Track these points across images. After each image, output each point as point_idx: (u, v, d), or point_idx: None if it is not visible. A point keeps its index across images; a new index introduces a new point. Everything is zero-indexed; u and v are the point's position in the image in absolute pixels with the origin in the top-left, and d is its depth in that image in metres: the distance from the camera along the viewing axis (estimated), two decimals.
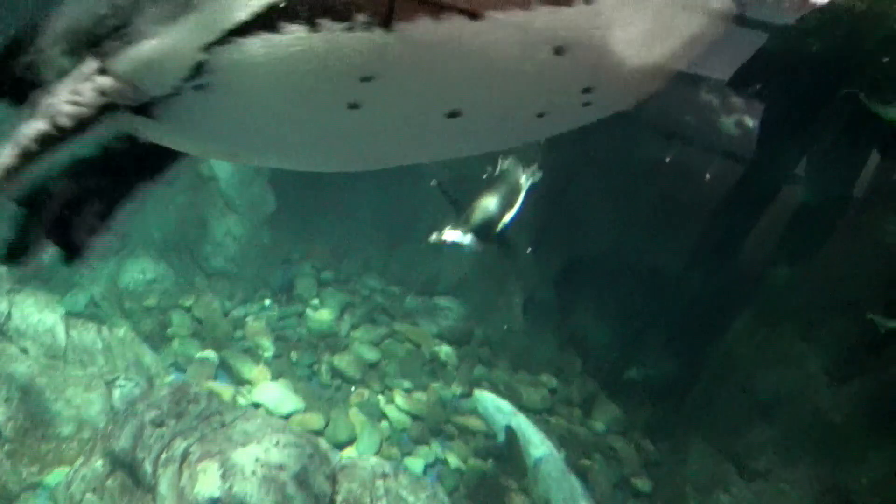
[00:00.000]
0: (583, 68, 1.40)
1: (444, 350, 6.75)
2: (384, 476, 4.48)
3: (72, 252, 1.88)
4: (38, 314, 5.12)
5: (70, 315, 5.45)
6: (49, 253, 1.90)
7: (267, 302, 6.79)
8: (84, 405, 4.90)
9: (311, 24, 1.29)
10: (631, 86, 1.50)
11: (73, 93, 1.44)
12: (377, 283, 7.46)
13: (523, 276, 7.26)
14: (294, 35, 1.31)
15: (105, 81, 1.45)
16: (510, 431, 5.74)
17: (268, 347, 6.16)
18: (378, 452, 5.38)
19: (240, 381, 5.75)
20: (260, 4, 1.30)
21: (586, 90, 1.45)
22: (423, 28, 1.28)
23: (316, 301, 6.95)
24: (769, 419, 5.86)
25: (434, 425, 5.86)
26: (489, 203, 5.22)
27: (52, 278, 5.82)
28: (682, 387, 6.70)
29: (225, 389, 5.54)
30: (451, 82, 1.39)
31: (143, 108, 1.49)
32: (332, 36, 1.30)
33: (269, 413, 5.35)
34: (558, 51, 1.34)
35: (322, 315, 6.76)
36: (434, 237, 5.06)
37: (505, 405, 6.07)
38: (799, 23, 4.64)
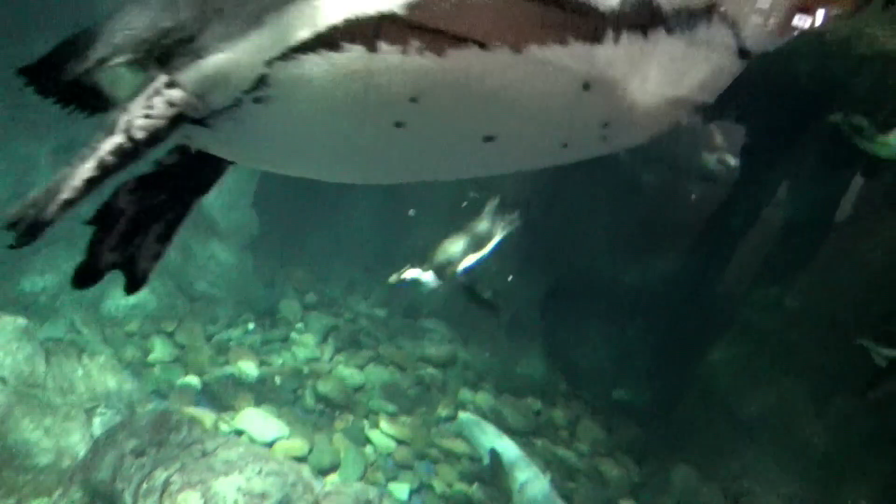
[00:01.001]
0: (605, 104, 1.51)
1: (429, 373, 6.69)
2: (368, 502, 4.40)
3: (135, 280, 1.92)
4: (16, 342, 5.01)
5: (50, 342, 5.35)
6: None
7: (250, 326, 6.71)
8: (63, 434, 4.79)
9: (370, 45, 1.39)
10: (644, 124, 1.61)
11: (146, 106, 1.52)
12: (362, 306, 7.41)
13: (508, 299, 7.23)
14: (352, 55, 1.40)
15: (175, 94, 1.53)
16: (495, 455, 5.68)
17: (251, 372, 6.07)
18: (362, 478, 5.30)
19: (222, 408, 5.65)
20: (324, 25, 1.40)
21: (605, 125, 1.56)
22: (470, 57, 1.39)
23: (300, 325, 6.88)
24: (752, 441, 5.86)
25: (419, 450, 5.79)
26: (454, 245, 5.30)
27: (31, 304, 5.72)
28: (666, 408, 6.69)
29: (207, 416, 5.45)
30: (490, 109, 1.49)
31: (201, 118, 1.57)
32: (387, 58, 1.39)
33: (252, 440, 5.27)
34: (586, 86, 1.45)
35: (306, 339, 6.69)
36: (393, 277, 5.18)
37: (490, 428, 6.02)
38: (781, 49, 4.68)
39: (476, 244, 5.39)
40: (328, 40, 1.41)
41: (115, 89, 1.70)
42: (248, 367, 6.11)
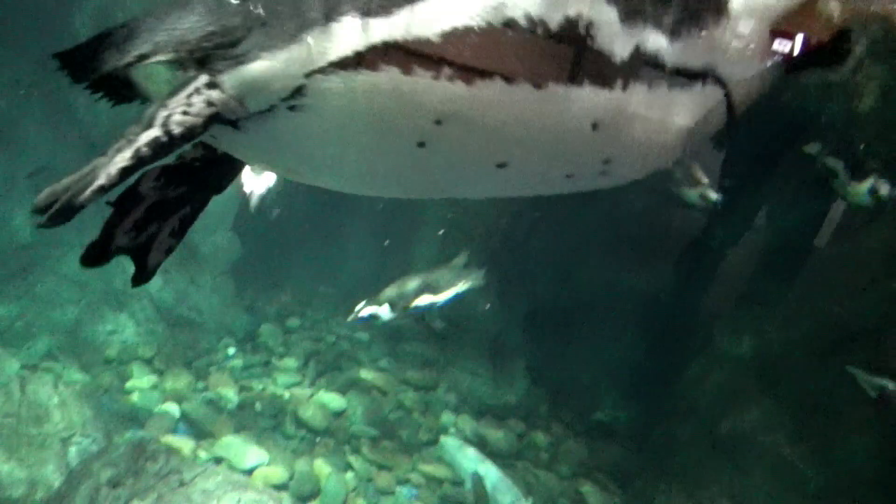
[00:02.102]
0: (609, 143, 1.62)
1: (411, 396, 6.60)
2: None
3: (145, 271, 1.95)
4: None
5: (26, 368, 5.20)
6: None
7: (231, 351, 6.58)
8: (37, 465, 4.64)
9: (405, 68, 1.47)
10: (641, 164, 1.75)
11: (185, 104, 1.56)
12: (343, 330, 7.29)
13: (489, 322, 7.18)
14: (388, 75, 1.48)
15: (215, 94, 1.58)
16: (477, 479, 5.60)
17: (231, 398, 5.94)
18: None
19: (201, 435, 5.52)
20: (364, 45, 1.48)
21: (606, 161, 1.68)
22: (495, 88, 1.49)
23: (281, 349, 6.76)
24: (732, 462, 5.82)
25: (400, 475, 5.69)
26: (411, 283, 5.46)
27: (6, 331, 5.57)
28: (647, 429, 6.67)
29: (185, 444, 5.31)
30: (507, 138, 1.58)
31: (234, 120, 1.63)
32: (419, 81, 1.48)
33: (231, 467, 5.14)
34: (594, 126, 1.57)
35: (287, 363, 6.57)
36: (351, 317, 5.34)
37: (471, 452, 5.96)
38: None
39: (434, 288, 5.55)
40: (366, 59, 1.49)
41: (149, 84, 1.77)
42: (228, 394, 5.98)
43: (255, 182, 4.28)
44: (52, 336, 5.96)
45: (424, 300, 5.47)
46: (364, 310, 5.30)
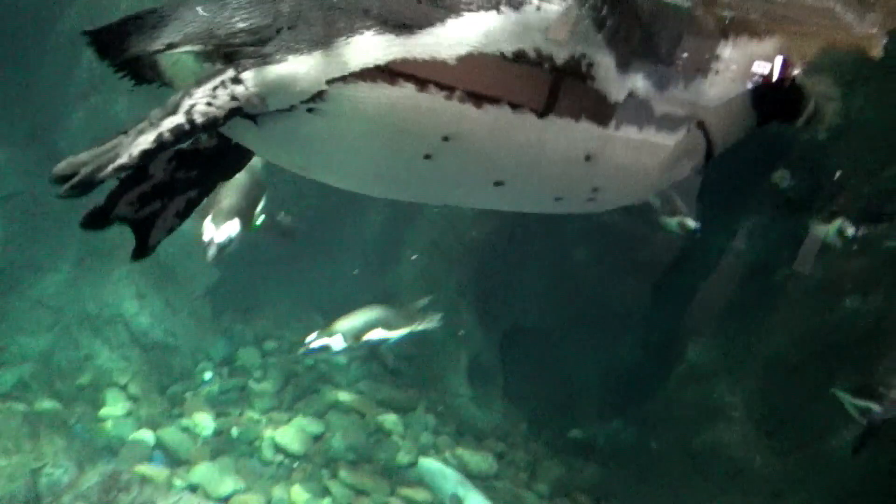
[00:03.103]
0: (599, 174, 1.75)
1: (390, 419, 6.47)
2: None
3: (144, 245, 1.95)
4: None
5: None
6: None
7: (207, 375, 6.41)
8: (6, 498, 4.44)
9: (421, 85, 1.57)
10: (626, 195, 1.90)
11: (210, 95, 1.61)
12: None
13: (468, 341, 7.10)
14: (404, 90, 1.57)
15: (239, 89, 1.62)
16: (456, 500, 5.51)
17: (207, 424, 5.77)
18: None
19: (176, 462, 5.35)
20: (384, 59, 1.56)
21: (595, 190, 1.80)
22: (502, 113, 1.59)
23: (259, 373, 6.60)
24: (708, 476, 5.81)
25: (379, 499, 5.55)
26: (366, 315, 5.50)
27: None
28: (623, 446, 6.63)
29: (160, 472, 5.14)
30: (507, 159, 1.69)
31: (254, 115, 1.68)
32: (433, 98, 1.57)
33: (207, 496, 5.00)
34: (588, 157, 1.69)
35: (265, 387, 6.41)
36: (301, 350, 5.36)
37: (451, 473, 5.86)
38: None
39: (389, 324, 5.57)
40: (386, 73, 1.57)
41: (174, 72, 1.81)
42: (204, 419, 5.81)
43: (216, 232, 4.12)
44: (24, 363, 5.76)
45: (377, 335, 5.45)
46: (316, 341, 5.26)
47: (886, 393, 4.01)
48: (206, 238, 4.15)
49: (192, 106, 1.61)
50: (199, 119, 1.60)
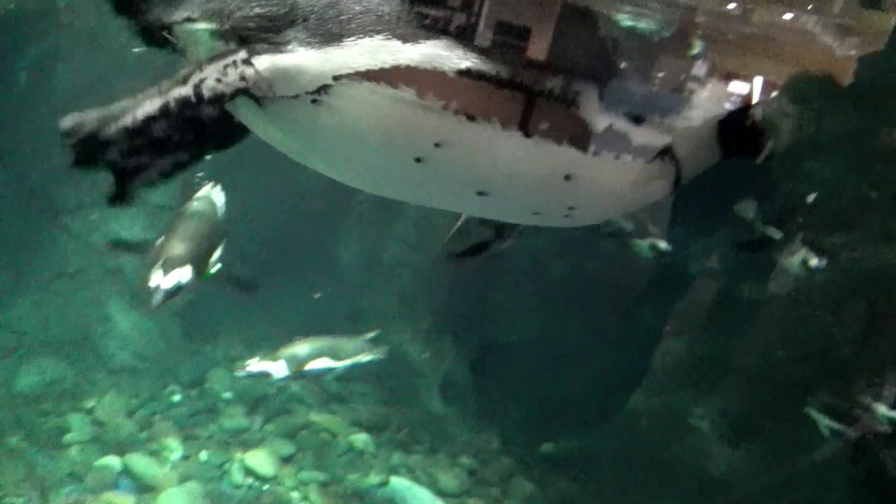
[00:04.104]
0: (577, 194, 1.84)
1: (361, 438, 6.35)
2: None
3: (122, 192, 1.93)
4: None
5: None
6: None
7: (176, 398, 6.22)
8: None
9: (421, 92, 1.63)
10: (600, 215, 2.07)
11: (220, 73, 1.66)
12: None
13: (441, 359, 7.01)
14: (404, 94, 1.64)
15: (249, 71, 1.67)
16: None
17: (175, 448, 5.59)
18: None
19: (143, 488, 5.16)
20: (389, 63, 1.64)
21: (571, 208, 1.91)
22: (492, 129, 1.67)
23: (228, 394, 6.42)
24: (671, 489, 5.78)
25: None
26: (309, 345, 5.35)
27: None
28: (593, 460, 6.57)
29: (125, 499, 4.97)
30: (491, 172, 1.77)
31: (260, 97, 1.73)
32: (431, 106, 1.64)
33: None
34: (567, 177, 1.77)
35: (235, 409, 6.25)
36: (239, 371, 5.17)
37: (422, 492, 5.79)
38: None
39: (335, 354, 5.44)
40: (390, 77, 1.64)
41: (188, 43, 1.86)
42: (172, 443, 5.63)
43: (163, 278, 3.91)
44: None
45: (322, 364, 5.30)
46: (255, 365, 5.07)
47: (859, 415, 3.99)
48: (152, 284, 3.86)
49: (202, 80, 1.66)
50: (206, 93, 1.66)
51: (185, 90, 1.67)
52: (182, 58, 1.89)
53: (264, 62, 1.69)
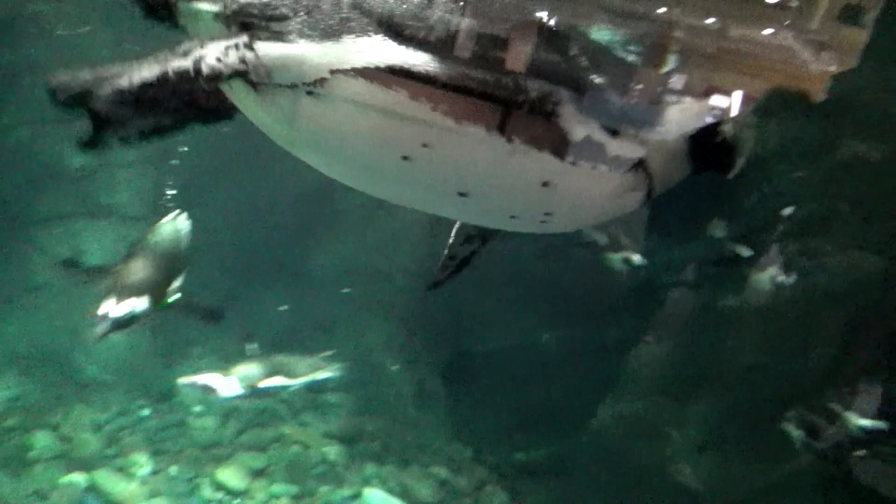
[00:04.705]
0: (553, 200, 1.88)
1: (334, 449, 6.22)
2: None
3: (95, 141, 1.91)
4: None
5: None
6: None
7: (145, 412, 6.04)
8: None
9: (413, 94, 1.67)
10: (576, 221, 2.05)
11: (222, 53, 1.69)
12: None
13: (413, 369, 6.91)
14: (397, 94, 1.68)
15: (250, 55, 1.71)
16: None
17: (144, 463, 5.42)
18: None
19: None
20: (384, 63, 1.67)
21: (547, 214, 1.94)
22: (477, 132, 1.71)
23: (199, 408, 6.24)
24: (645, 496, 5.75)
25: None
26: (261, 364, 5.22)
27: None
28: (565, 467, 6.52)
29: None
30: (473, 174, 1.81)
31: (256, 82, 1.75)
32: (421, 107, 1.68)
33: None
34: (545, 184, 1.82)
35: (205, 422, 6.07)
36: (184, 380, 5.03)
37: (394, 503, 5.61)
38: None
39: (289, 372, 5.31)
40: (384, 76, 1.67)
41: (191, 22, 1.88)
42: (141, 459, 5.46)
43: (115, 307, 3.70)
44: None
45: (276, 382, 5.15)
46: (201, 378, 4.91)
47: (831, 425, 3.98)
48: (100, 311, 3.64)
49: (203, 57, 1.68)
50: (205, 69, 1.68)
51: (185, 63, 1.69)
52: (182, 34, 1.93)
53: (265, 49, 1.72)
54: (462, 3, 1.75)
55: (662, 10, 2.00)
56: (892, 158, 4.07)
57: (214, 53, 1.70)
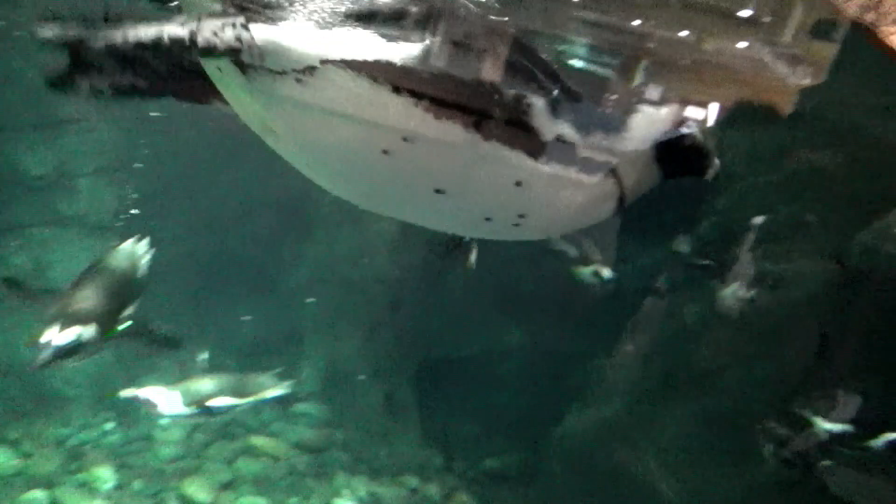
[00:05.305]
0: (527, 200, 1.91)
1: (303, 460, 6.11)
2: None
3: (65, 79, 1.87)
4: None
5: None
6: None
7: (109, 426, 5.82)
8: None
9: (396, 88, 1.71)
10: (549, 226, 2.05)
11: (218, 29, 1.70)
12: None
13: (383, 377, 6.82)
14: (381, 88, 1.72)
15: (245, 35, 1.72)
16: None
17: (107, 478, 5.25)
18: None
19: None
20: (372, 57, 1.71)
21: (521, 216, 1.96)
22: (455, 128, 1.75)
23: (165, 420, 6.03)
24: (608, 501, 5.75)
25: None
26: (210, 382, 5.01)
27: None
28: (533, 473, 6.50)
29: None
30: (450, 169, 1.84)
31: (247, 64, 1.76)
32: (404, 101, 1.72)
33: None
34: (518, 183, 1.85)
35: (171, 435, 5.89)
36: (127, 392, 4.79)
37: None
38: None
39: (239, 392, 5.07)
40: (370, 69, 1.71)
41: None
42: (104, 473, 5.27)
43: (58, 335, 3.49)
44: None
45: (223, 401, 4.92)
46: (143, 392, 4.68)
47: (796, 435, 4.00)
48: (43, 339, 3.41)
49: (199, 29, 1.70)
50: (199, 41, 1.69)
51: (181, 31, 1.71)
52: (179, 9, 1.93)
53: (260, 31, 1.74)
54: (442, 10, 1.79)
55: (636, 22, 2.01)
56: (852, 166, 4.13)
57: (211, 28, 1.72)
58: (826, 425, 3.78)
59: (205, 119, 6.33)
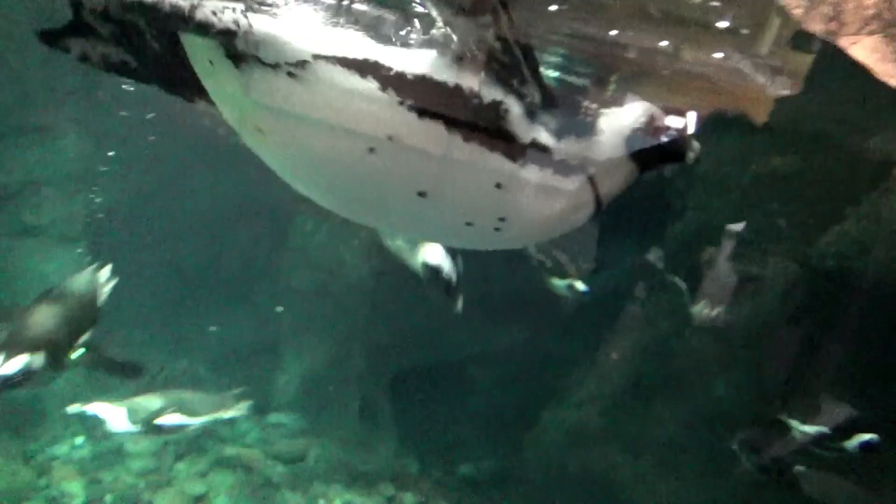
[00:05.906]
0: (506, 203, 1.91)
1: (278, 471, 5.98)
2: None
3: (56, 35, 1.91)
4: None
5: None
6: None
7: (79, 440, 5.64)
8: None
9: (383, 87, 1.76)
10: (528, 231, 2.04)
11: (218, 10, 1.71)
12: None
13: (358, 385, 6.74)
14: (371, 86, 1.76)
15: (244, 21, 1.73)
16: None
17: (77, 494, 5.09)
18: None
19: None
20: (362, 56, 1.76)
21: (501, 219, 1.95)
22: (439, 130, 1.78)
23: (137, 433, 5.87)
24: (583, 500, 5.72)
25: None
26: (159, 399, 4.83)
27: None
28: (510, 479, 6.47)
29: None
30: (433, 170, 1.86)
31: (242, 54, 1.78)
32: (390, 100, 1.76)
33: None
34: (498, 185, 1.87)
35: (143, 448, 5.73)
36: (74, 408, 4.60)
37: None
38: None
39: (190, 410, 4.89)
40: (360, 67, 1.76)
41: None
42: (74, 488, 5.10)
43: (3, 364, 3.32)
44: None
45: (174, 419, 4.74)
46: (92, 407, 4.50)
47: (772, 441, 4.01)
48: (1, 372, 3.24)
49: (198, 5, 1.71)
50: (198, 16, 1.71)
51: (182, 4, 1.71)
52: None
53: (258, 21, 1.76)
54: (431, 15, 1.80)
55: (614, 32, 2.01)
56: (817, 172, 4.19)
57: (211, 7, 1.74)
58: (802, 427, 3.80)
59: (177, 127, 6.22)
